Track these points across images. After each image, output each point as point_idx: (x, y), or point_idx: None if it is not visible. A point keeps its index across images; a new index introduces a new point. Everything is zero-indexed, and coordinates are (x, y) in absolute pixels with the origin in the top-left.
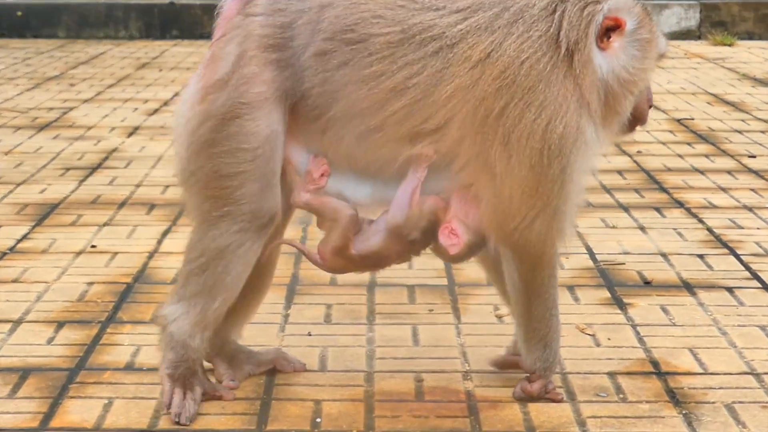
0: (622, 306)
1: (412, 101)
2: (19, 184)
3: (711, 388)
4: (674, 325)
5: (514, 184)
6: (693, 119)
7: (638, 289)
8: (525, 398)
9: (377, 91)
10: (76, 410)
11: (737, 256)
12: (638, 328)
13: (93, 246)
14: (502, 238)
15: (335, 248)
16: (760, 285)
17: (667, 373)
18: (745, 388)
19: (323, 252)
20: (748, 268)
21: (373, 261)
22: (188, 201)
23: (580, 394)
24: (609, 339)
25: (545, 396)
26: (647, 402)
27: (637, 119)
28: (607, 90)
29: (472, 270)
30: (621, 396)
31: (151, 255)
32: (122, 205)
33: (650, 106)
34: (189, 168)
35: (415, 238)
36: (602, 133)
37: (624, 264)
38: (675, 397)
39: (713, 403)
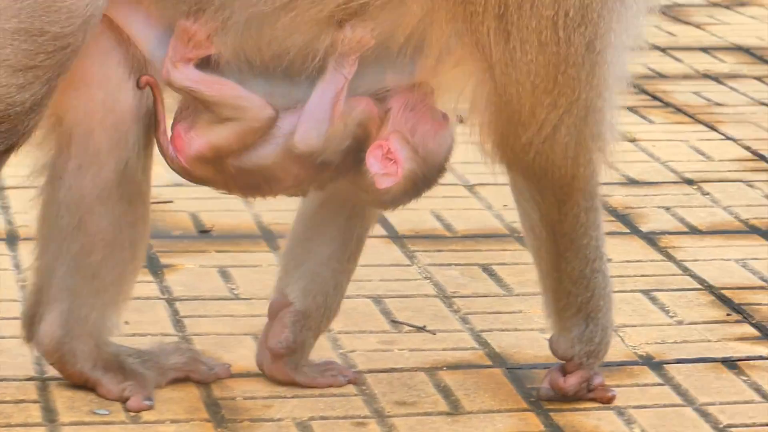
0: (157, 270)
1: None
2: None
3: (280, 397)
4: (237, 298)
5: (521, 75)
6: None
7: (189, 243)
8: (556, 398)
9: None
10: None
11: None
12: (177, 305)
13: None
14: (512, 159)
15: (212, 148)
16: (387, 233)
17: None
18: (331, 396)
19: (184, 145)
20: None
21: (256, 182)
22: None
23: (66, 413)
24: (126, 323)
25: (588, 396)
26: (173, 422)
27: None
28: None
29: None
30: (132, 415)
31: None
32: None
33: None
34: None
35: (329, 161)
36: None
37: (172, 202)
38: (218, 414)
39: (279, 420)
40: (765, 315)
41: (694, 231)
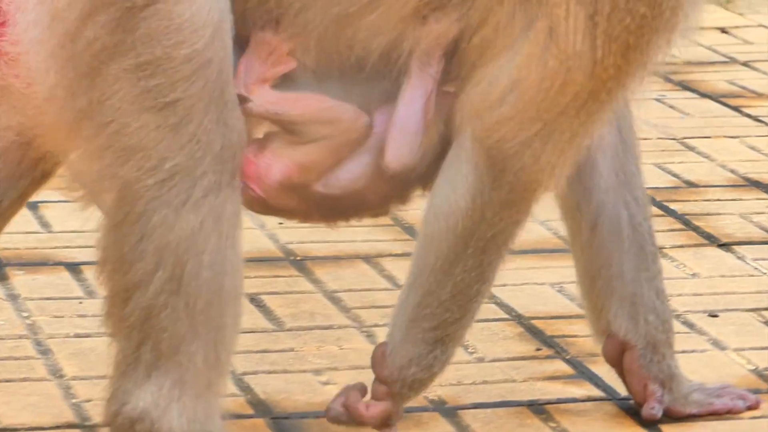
0: None
1: None
2: None
3: None
4: None
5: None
6: None
7: None
8: (344, 421)
9: None
10: None
11: None
12: None
13: None
14: (482, 133)
15: (301, 170)
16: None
17: None
18: None
19: (258, 172)
20: None
21: (343, 208)
22: (81, 165)
23: None
24: None
25: (383, 430)
26: None
27: None
28: None
29: None
30: None
31: None
32: None
33: None
34: (73, 105)
35: (421, 173)
36: None
37: None
38: None
39: None
40: (581, 349)
41: None
